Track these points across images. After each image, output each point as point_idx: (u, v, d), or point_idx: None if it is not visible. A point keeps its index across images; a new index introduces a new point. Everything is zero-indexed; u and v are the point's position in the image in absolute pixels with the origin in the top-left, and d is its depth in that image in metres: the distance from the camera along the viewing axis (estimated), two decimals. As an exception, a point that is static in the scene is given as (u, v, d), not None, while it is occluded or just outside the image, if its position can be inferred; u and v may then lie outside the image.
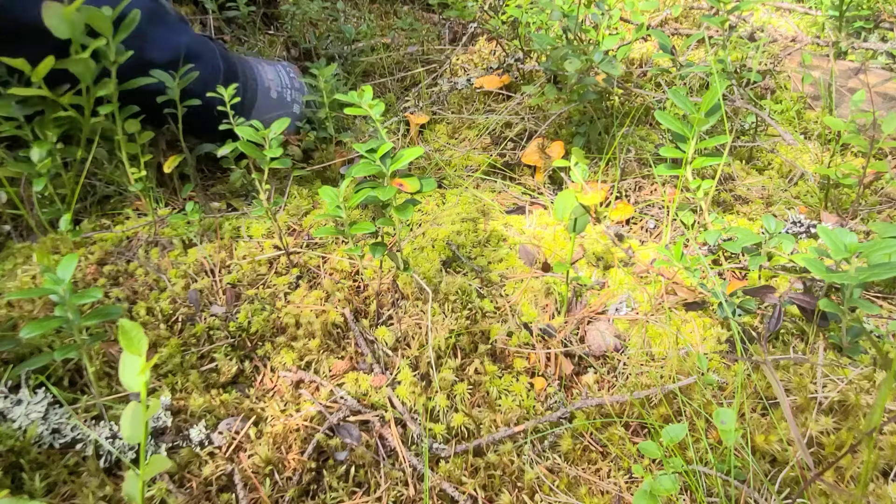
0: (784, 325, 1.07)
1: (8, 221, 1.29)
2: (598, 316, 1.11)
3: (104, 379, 0.99)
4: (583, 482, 0.87)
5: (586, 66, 1.41)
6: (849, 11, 1.92)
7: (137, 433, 0.64)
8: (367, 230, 0.98)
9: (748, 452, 0.81)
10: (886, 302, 1.14)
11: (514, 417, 0.94)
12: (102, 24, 1.05)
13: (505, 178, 1.55)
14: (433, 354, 1.02)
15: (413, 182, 0.93)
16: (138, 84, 1.18)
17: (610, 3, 1.55)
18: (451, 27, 2.21)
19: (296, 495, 0.86)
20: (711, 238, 1.12)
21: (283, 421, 0.95)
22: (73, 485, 0.86)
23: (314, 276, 1.20)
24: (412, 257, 1.22)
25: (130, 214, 1.36)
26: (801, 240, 1.27)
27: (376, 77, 1.94)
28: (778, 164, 1.54)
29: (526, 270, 1.20)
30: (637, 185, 1.49)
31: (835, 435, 0.89)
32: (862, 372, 0.96)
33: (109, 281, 1.18)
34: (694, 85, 1.73)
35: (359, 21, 2.14)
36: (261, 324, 1.09)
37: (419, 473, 0.89)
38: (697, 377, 0.95)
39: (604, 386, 1.01)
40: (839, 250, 0.84)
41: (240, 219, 1.34)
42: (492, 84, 1.78)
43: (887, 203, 1.37)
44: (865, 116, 1.28)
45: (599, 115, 1.57)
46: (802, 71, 1.72)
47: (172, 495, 0.85)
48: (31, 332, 0.78)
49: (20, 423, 0.86)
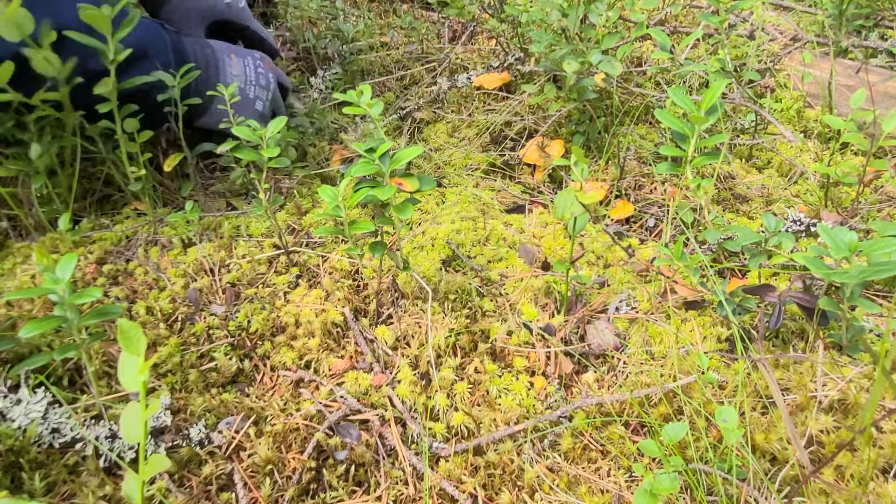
0: (784, 323, 1.07)
1: (6, 220, 1.29)
2: (598, 315, 1.11)
3: (104, 378, 0.99)
4: (583, 481, 0.87)
5: (585, 66, 1.41)
6: (849, 10, 1.91)
7: (137, 433, 0.64)
8: (366, 229, 0.98)
9: (748, 451, 0.81)
10: (886, 300, 1.14)
11: (513, 416, 0.94)
12: (101, 23, 1.05)
13: (505, 177, 1.55)
14: (433, 353, 1.02)
15: (412, 181, 0.93)
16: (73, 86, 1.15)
17: (609, 2, 1.55)
18: (450, 25, 2.20)
19: (296, 494, 0.86)
20: (711, 237, 1.12)
21: (283, 420, 0.95)
22: (73, 484, 0.86)
23: (314, 275, 1.20)
24: (412, 256, 1.22)
25: (130, 213, 1.36)
26: (801, 238, 1.27)
27: (375, 76, 1.94)
28: (778, 163, 1.54)
29: (526, 269, 1.20)
30: (637, 183, 1.49)
31: (835, 433, 0.89)
32: (862, 370, 0.96)
33: (109, 280, 1.18)
34: (694, 83, 1.73)
35: (358, 20, 2.14)
36: (260, 323, 1.09)
37: (419, 472, 0.89)
38: (697, 376, 0.95)
39: (604, 385, 1.01)
40: (839, 249, 0.84)
41: (239, 218, 1.34)
42: (491, 83, 1.78)
43: (887, 201, 1.37)
44: (865, 115, 1.28)
45: (599, 113, 1.57)
46: (802, 69, 1.71)
47: (172, 495, 0.85)
48: (30, 332, 0.78)
49: (20, 422, 0.86)
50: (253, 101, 1.44)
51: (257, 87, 1.45)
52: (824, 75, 1.71)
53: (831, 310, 0.93)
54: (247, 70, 1.43)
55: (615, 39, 1.44)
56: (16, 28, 0.99)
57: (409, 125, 1.73)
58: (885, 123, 1.18)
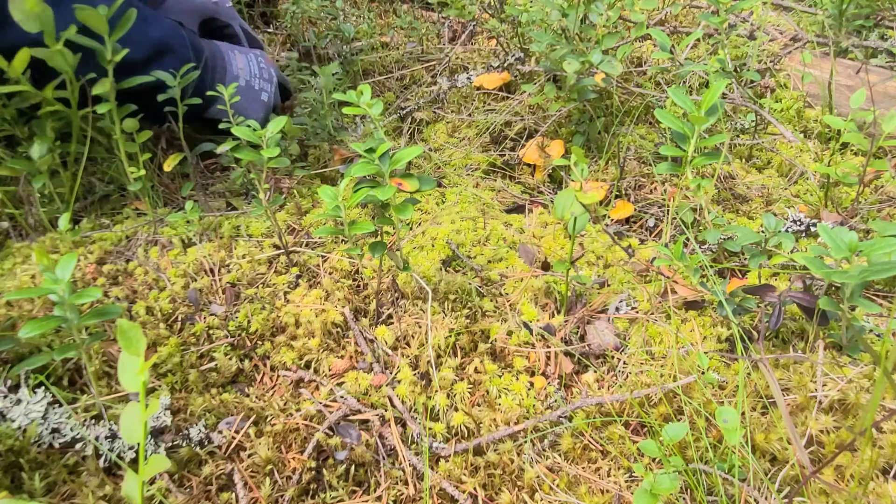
0: (784, 323, 1.07)
1: (7, 220, 1.29)
2: (598, 315, 1.11)
3: (103, 378, 0.99)
4: (583, 481, 0.87)
5: (585, 66, 1.41)
6: (849, 10, 1.91)
7: (137, 433, 0.64)
8: (366, 229, 0.97)
9: (748, 451, 0.81)
10: (886, 300, 1.14)
11: (513, 416, 0.94)
12: (98, 22, 1.05)
13: (505, 177, 1.55)
14: (433, 353, 1.02)
15: (412, 181, 0.93)
16: (132, 84, 1.18)
17: (609, 2, 1.55)
18: (450, 25, 2.20)
19: (296, 494, 0.86)
20: (711, 237, 1.12)
21: (283, 420, 0.95)
22: (73, 484, 0.86)
23: (314, 275, 1.20)
24: (412, 256, 1.22)
25: (130, 213, 1.36)
26: (801, 238, 1.27)
27: (376, 76, 1.94)
28: (778, 163, 1.54)
29: (526, 269, 1.20)
30: (637, 183, 1.49)
31: (835, 433, 0.89)
32: (862, 370, 0.96)
33: (109, 280, 1.18)
34: (694, 83, 1.73)
35: (358, 20, 2.14)
36: (260, 323, 1.09)
37: (419, 472, 0.89)
38: (697, 376, 0.95)
39: (604, 385, 1.01)
40: (839, 249, 0.84)
41: (239, 218, 1.34)
42: (491, 83, 1.78)
43: (887, 201, 1.37)
44: (865, 115, 1.28)
45: (599, 113, 1.57)
46: (802, 69, 1.71)
47: (172, 495, 0.85)
48: (30, 332, 0.78)
49: (20, 422, 0.86)
50: (259, 93, 1.52)
51: (261, 79, 1.53)
52: (824, 75, 1.71)
53: (831, 310, 0.93)
54: (250, 65, 1.51)
55: (615, 39, 1.44)
56: (36, 20, 0.99)
57: (408, 125, 1.73)
58: (885, 123, 1.18)
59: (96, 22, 1.05)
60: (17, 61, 1.01)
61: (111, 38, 1.09)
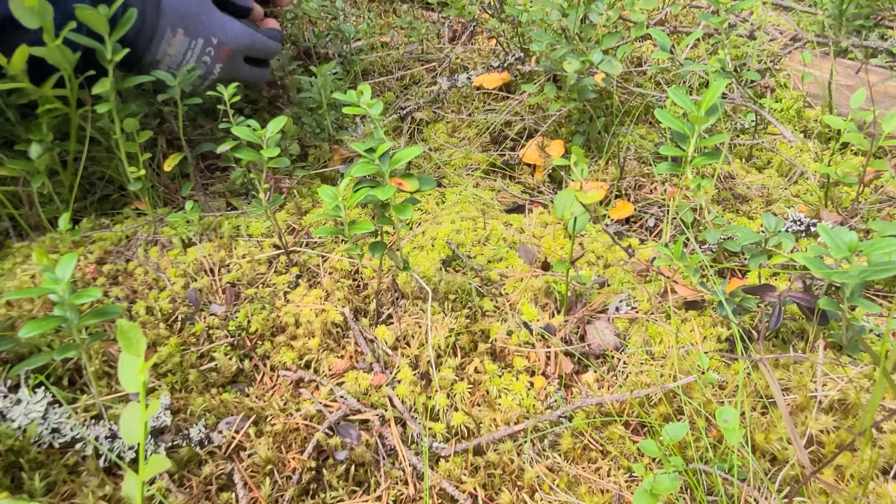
0: (784, 323, 1.07)
1: (6, 220, 1.29)
2: (598, 315, 1.11)
3: (103, 378, 0.99)
4: (583, 481, 0.87)
5: (585, 66, 1.41)
6: (849, 10, 1.91)
7: (137, 433, 0.64)
8: (366, 229, 0.97)
9: (748, 451, 0.81)
10: (886, 300, 1.14)
11: (513, 416, 0.94)
12: (98, 22, 1.05)
13: (505, 177, 1.55)
14: (433, 353, 1.02)
15: (412, 181, 0.93)
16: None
17: (609, 2, 1.55)
18: (450, 25, 2.20)
19: (296, 494, 0.86)
20: (711, 237, 1.12)
21: (283, 420, 0.95)
22: (73, 484, 0.86)
23: (314, 275, 1.20)
24: (412, 256, 1.22)
25: (130, 213, 1.36)
26: (801, 238, 1.27)
27: (376, 76, 1.94)
28: (778, 163, 1.54)
29: (526, 269, 1.20)
30: (637, 183, 1.49)
31: (835, 433, 0.89)
32: (862, 370, 0.96)
33: (109, 280, 1.18)
34: (694, 83, 1.73)
35: (358, 19, 2.14)
36: (260, 323, 1.09)
37: (419, 472, 0.89)
38: (697, 376, 0.95)
39: (604, 385, 1.01)
40: (839, 249, 0.84)
41: (239, 218, 1.34)
42: (491, 83, 1.78)
43: (887, 201, 1.37)
44: (865, 115, 1.28)
45: (599, 113, 1.57)
46: (802, 69, 1.71)
47: (172, 495, 0.85)
48: (30, 332, 0.78)
49: (20, 422, 0.86)
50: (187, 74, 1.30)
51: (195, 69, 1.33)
52: (824, 75, 1.71)
53: (831, 310, 0.93)
54: (187, 54, 1.32)
55: (615, 39, 1.44)
56: (36, 16, 0.99)
57: (408, 125, 1.73)
58: (885, 123, 1.18)
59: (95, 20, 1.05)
60: (16, 58, 1.01)
61: (111, 37, 1.09)
